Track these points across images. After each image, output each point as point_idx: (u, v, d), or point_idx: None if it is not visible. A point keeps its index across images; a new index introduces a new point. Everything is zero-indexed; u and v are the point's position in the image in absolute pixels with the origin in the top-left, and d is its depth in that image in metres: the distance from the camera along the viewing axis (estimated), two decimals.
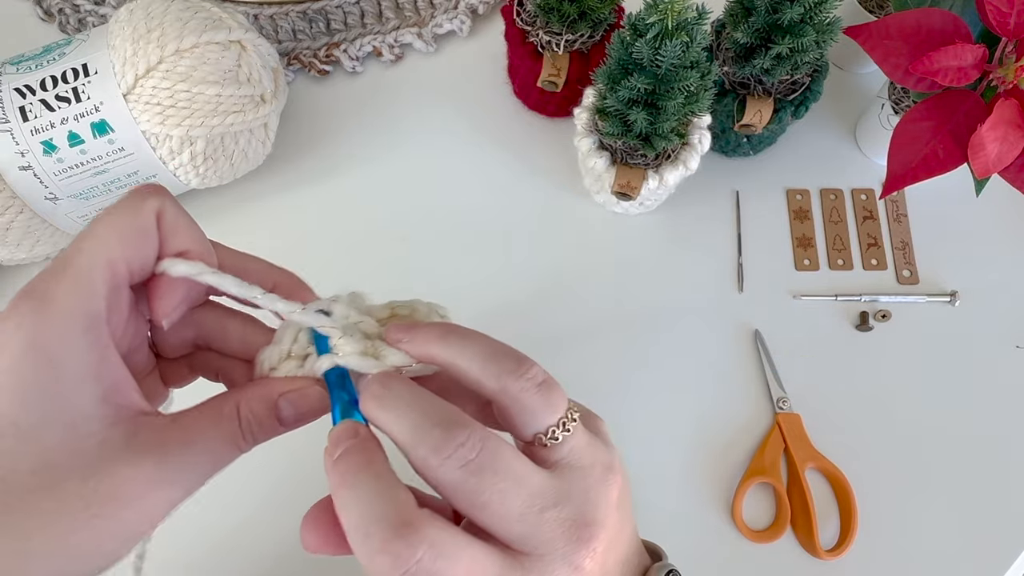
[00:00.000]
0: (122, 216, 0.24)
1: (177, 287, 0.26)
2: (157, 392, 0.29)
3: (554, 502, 0.24)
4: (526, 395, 0.24)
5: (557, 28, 0.52)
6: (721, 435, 0.51)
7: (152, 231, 0.25)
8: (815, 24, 0.46)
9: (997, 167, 0.44)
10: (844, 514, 0.49)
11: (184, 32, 0.47)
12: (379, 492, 0.22)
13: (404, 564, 0.21)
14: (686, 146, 0.50)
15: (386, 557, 0.21)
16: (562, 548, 0.24)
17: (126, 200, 0.25)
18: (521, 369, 0.24)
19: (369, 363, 0.25)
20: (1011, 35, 0.43)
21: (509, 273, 0.55)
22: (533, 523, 0.23)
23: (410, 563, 0.21)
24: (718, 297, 0.55)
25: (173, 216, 0.25)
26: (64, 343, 0.22)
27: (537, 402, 0.24)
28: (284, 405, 0.25)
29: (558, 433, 0.25)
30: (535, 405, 0.24)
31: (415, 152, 0.60)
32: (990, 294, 0.55)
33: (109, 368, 0.23)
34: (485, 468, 0.23)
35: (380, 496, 0.22)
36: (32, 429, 0.21)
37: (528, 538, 0.23)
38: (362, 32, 0.62)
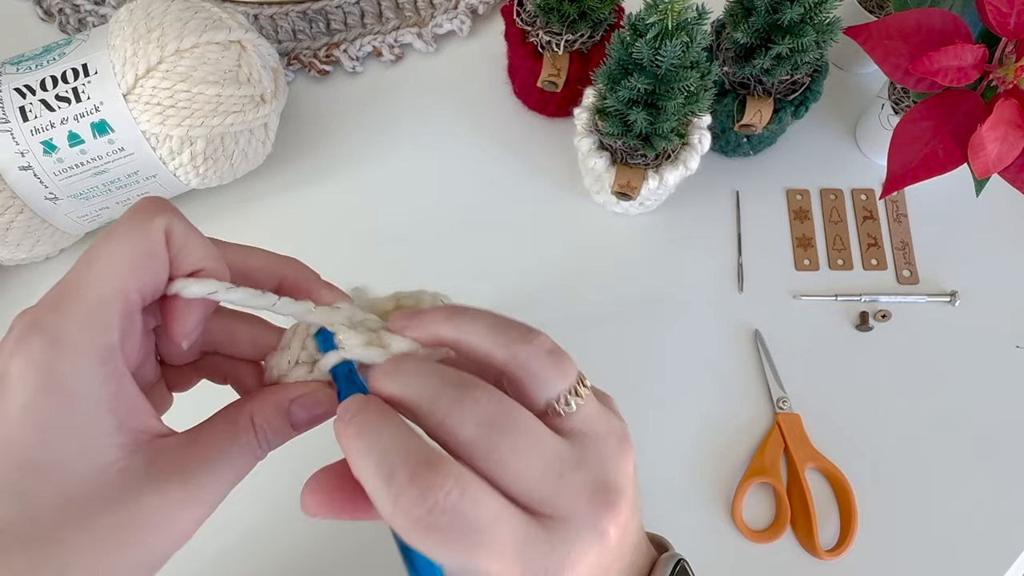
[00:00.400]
0: (130, 240, 0.23)
1: (193, 307, 0.25)
2: (163, 400, 0.28)
3: (574, 466, 0.23)
4: (536, 362, 0.24)
5: (557, 28, 0.52)
6: (721, 435, 0.51)
7: (163, 253, 0.24)
8: (815, 24, 0.46)
9: (997, 167, 0.44)
10: (844, 514, 0.49)
11: (184, 32, 0.47)
12: (399, 435, 0.22)
13: (433, 495, 0.21)
14: (686, 146, 0.50)
15: (413, 491, 0.21)
16: (585, 511, 0.23)
17: (132, 220, 0.24)
18: (530, 336, 0.24)
19: (375, 352, 0.25)
20: (1011, 35, 0.43)
21: (509, 273, 0.55)
22: (554, 484, 0.23)
23: (439, 495, 0.21)
24: (718, 297, 0.55)
25: (182, 233, 0.24)
26: (80, 379, 0.21)
27: (548, 368, 0.24)
28: (296, 410, 0.25)
29: (571, 400, 0.24)
30: (546, 372, 0.24)
31: (415, 152, 0.60)
32: (990, 294, 0.55)
33: (125, 397, 0.23)
34: (504, 425, 0.22)
35: (401, 438, 0.22)
36: (52, 466, 0.21)
37: (550, 499, 0.23)
38: (362, 32, 0.62)
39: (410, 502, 0.21)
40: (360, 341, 0.26)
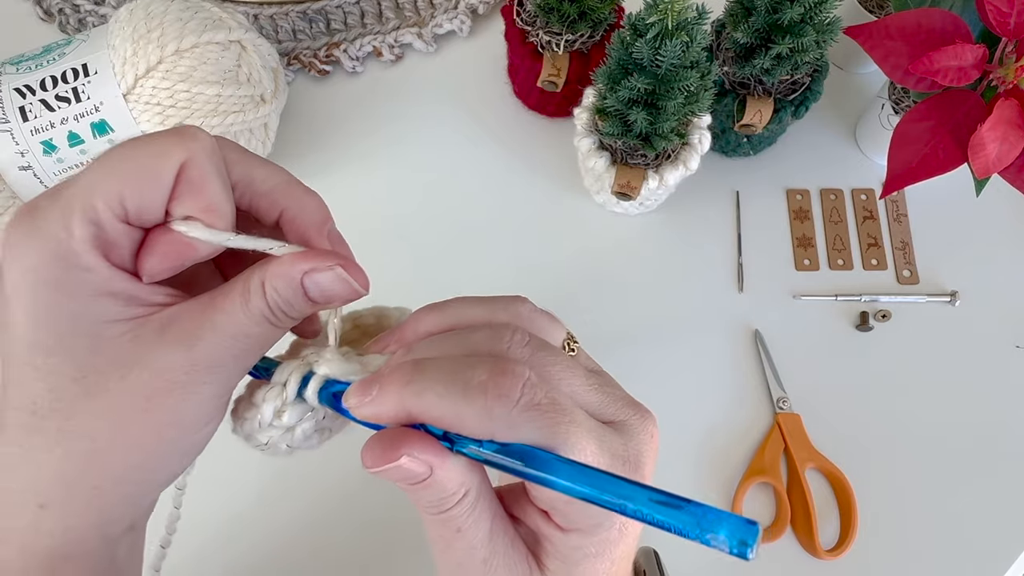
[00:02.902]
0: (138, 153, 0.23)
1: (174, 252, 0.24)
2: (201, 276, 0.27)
3: (603, 384, 0.25)
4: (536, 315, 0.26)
5: (557, 28, 0.52)
6: (721, 435, 0.51)
7: (165, 180, 0.23)
8: (815, 24, 0.46)
9: (997, 167, 0.44)
10: (844, 514, 0.49)
11: (184, 32, 0.47)
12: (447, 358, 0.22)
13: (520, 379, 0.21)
14: (686, 146, 0.50)
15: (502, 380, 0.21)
16: (634, 417, 0.25)
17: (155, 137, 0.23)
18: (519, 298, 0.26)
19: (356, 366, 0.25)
20: (1011, 35, 0.43)
21: (509, 273, 0.55)
22: (599, 395, 0.24)
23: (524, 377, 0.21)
24: (718, 297, 0.55)
25: (200, 170, 0.23)
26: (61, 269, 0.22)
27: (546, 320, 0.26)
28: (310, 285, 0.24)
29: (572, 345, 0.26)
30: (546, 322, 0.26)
31: (415, 152, 0.60)
32: (990, 294, 0.55)
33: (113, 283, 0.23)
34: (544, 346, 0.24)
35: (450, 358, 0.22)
36: (58, 345, 0.22)
37: (602, 407, 0.24)
38: (362, 32, 0.62)
39: (503, 391, 0.21)
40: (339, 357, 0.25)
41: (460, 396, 0.21)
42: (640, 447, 0.24)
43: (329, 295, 0.24)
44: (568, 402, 0.22)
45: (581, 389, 0.24)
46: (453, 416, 0.21)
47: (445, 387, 0.21)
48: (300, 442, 0.26)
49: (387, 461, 0.22)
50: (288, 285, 0.23)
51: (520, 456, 0.21)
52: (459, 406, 0.21)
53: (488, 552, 0.23)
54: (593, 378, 0.24)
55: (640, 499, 0.21)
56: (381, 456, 0.22)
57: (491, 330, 0.23)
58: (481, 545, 0.23)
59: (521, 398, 0.21)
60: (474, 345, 0.23)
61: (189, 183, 0.23)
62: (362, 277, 0.24)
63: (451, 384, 0.21)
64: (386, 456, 0.22)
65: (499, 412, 0.21)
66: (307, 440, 0.26)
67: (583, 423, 0.22)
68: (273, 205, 0.25)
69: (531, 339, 0.23)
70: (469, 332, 0.24)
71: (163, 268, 0.24)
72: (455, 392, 0.21)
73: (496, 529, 0.24)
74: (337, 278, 0.24)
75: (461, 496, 0.23)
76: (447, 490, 0.22)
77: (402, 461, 0.21)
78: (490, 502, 0.24)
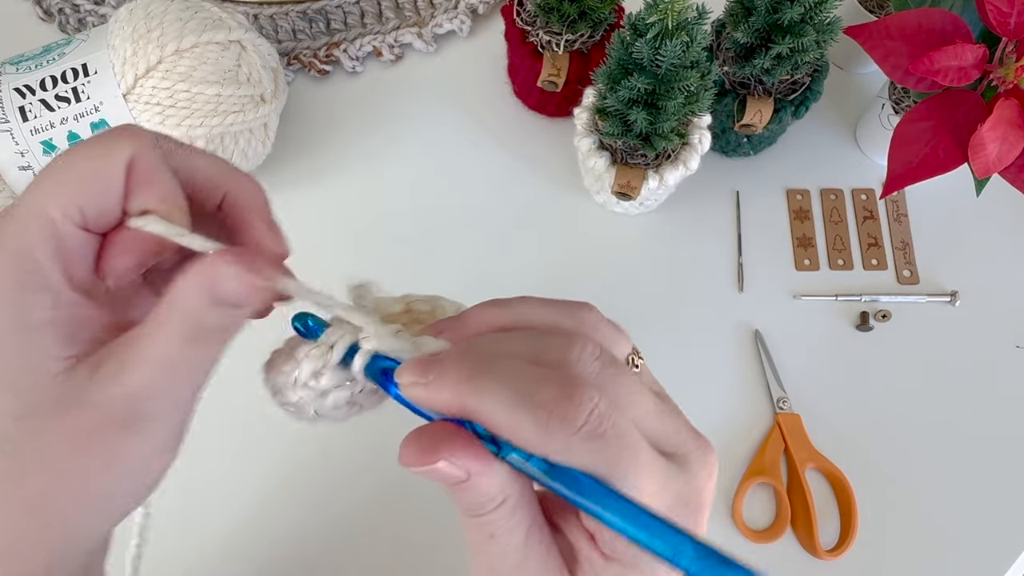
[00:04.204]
0: (85, 158, 0.22)
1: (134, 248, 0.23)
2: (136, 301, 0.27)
3: (668, 412, 0.24)
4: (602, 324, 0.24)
5: (557, 28, 0.52)
6: (721, 435, 0.51)
7: (116, 179, 0.22)
8: (815, 24, 0.46)
9: (997, 167, 0.44)
10: (844, 514, 0.49)
11: (184, 32, 0.47)
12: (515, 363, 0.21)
13: (588, 405, 0.20)
14: (686, 146, 0.50)
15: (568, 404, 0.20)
16: (696, 451, 0.23)
17: (96, 140, 0.23)
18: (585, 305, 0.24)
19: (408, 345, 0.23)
20: (1011, 35, 0.43)
21: (509, 273, 0.55)
22: (664, 425, 0.23)
23: (591, 404, 0.20)
24: (718, 297, 0.55)
25: (148, 164, 0.23)
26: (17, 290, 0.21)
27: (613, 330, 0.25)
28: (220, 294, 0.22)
29: (636, 360, 0.25)
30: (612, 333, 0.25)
31: (415, 152, 0.60)
32: (990, 294, 0.55)
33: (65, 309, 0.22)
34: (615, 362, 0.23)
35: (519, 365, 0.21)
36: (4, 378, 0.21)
37: (666, 438, 0.23)
38: (362, 32, 0.62)
39: (569, 415, 0.20)
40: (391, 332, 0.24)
41: (522, 408, 0.20)
42: (701, 486, 0.23)
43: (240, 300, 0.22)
44: (634, 433, 0.21)
45: (647, 415, 0.23)
46: (509, 427, 0.20)
47: (508, 393, 0.20)
48: (329, 410, 0.25)
49: (424, 463, 0.21)
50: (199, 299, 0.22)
51: (571, 481, 0.20)
52: (519, 417, 0.20)
53: (521, 558, 0.22)
54: (660, 403, 0.23)
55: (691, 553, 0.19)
56: (419, 456, 0.21)
57: (562, 338, 0.22)
58: (515, 551, 0.22)
59: (585, 426, 0.20)
60: (542, 351, 0.22)
61: (139, 178, 0.23)
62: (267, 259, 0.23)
63: (515, 392, 0.20)
64: (424, 457, 0.21)
65: (560, 434, 0.20)
66: (336, 410, 0.25)
67: (647, 458, 0.21)
68: (215, 189, 0.25)
69: (602, 353, 0.22)
70: (538, 336, 0.23)
71: (127, 266, 0.23)
72: (517, 402, 0.20)
73: (532, 538, 0.23)
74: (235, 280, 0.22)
75: (499, 503, 0.22)
76: (485, 496, 0.21)
77: (440, 465, 0.21)
78: (529, 509, 0.23)
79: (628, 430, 0.21)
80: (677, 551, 0.19)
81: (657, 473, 0.21)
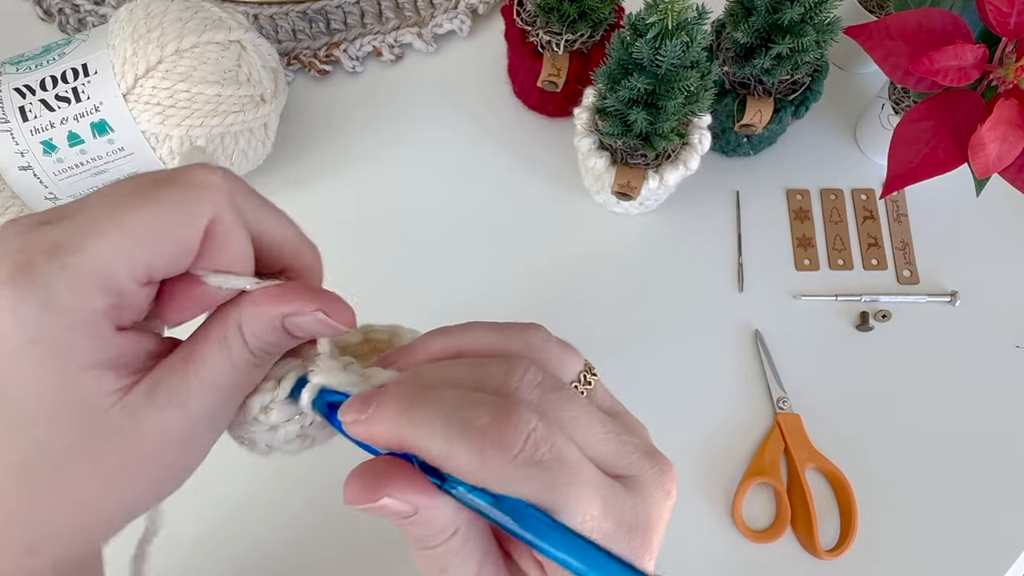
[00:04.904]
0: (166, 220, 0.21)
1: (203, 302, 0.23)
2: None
3: (620, 431, 0.23)
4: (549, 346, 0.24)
5: (557, 28, 0.52)
6: (721, 435, 0.51)
7: (193, 244, 0.21)
8: (815, 24, 0.46)
9: (997, 167, 0.44)
10: (844, 514, 0.49)
11: (184, 32, 0.47)
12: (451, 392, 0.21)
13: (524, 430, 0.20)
14: (686, 146, 0.50)
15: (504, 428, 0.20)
16: (650, 472, 0.23)
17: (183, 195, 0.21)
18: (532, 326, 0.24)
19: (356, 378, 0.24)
20: (1011, 35, 0.43)
21: (509, 273, 0.55)
22: (615, 445, 0.22)
23: (527, 429, 0.20)
24: (718, 297, 0.55)
25: (226, 226, 0.22)
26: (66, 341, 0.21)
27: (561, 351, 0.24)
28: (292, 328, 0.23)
29: (589, 377, 0.25)
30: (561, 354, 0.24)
31: (415, 152, 0.60)
32: (990, 294, 0.55)
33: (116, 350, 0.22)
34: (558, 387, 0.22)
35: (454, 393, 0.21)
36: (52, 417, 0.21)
37: (616, 460, 0.22)
38: (362, 32, 0.62)
39: (505, 440, 0.20)
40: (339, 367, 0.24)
41: (457, 435, 0.20)
42: (651, 509, 0.22)
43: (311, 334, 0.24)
44: (575, 456, 0.21)
45: (594, 438, 0.22)
46: (446, 456, 0.20)
47: (443, 422, 0.20)
48: (280, 444, 0.25)
49: (368, 500, 0.21)
50: (268, 327, 0.23)
51: (513, 513, 0.20)
52: (454, 446, 0.20)
53: None
54: (609, 424, 0.23)
55: None
56: (362, 495, 0.21)
57: (503, 364, 0.22)
58: None
59: (521, 452, 0.20)
60: (483, 378, 0.22)
61: (215, 242, 0.22)
62: (346, 314, 0.23)
63: (451, 420, 0.20)
64: (367, 495, 0.21)
65: (495, 463, 0.20)
66: (288, 444, 0.25)
67: (588, 482, 0.21)
68: (277, 260, 0.25)
69: (544, 379, 0.22)
70: (480, 364, 0.22)
71: (187, 318, 0.23)
72: (453, 430, 0.20)
73: (486, 569, 0.22)
74: (317, 322, 0.23)
75: (449, 535, 0.21)
76: (434, 528, 0.21)
77: (384, 502, 0.20)
78: (480, 540, 0.22)
79: (567, 453, 0.21)
80: None
81: (600, 497, 0.21)
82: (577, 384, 0.24)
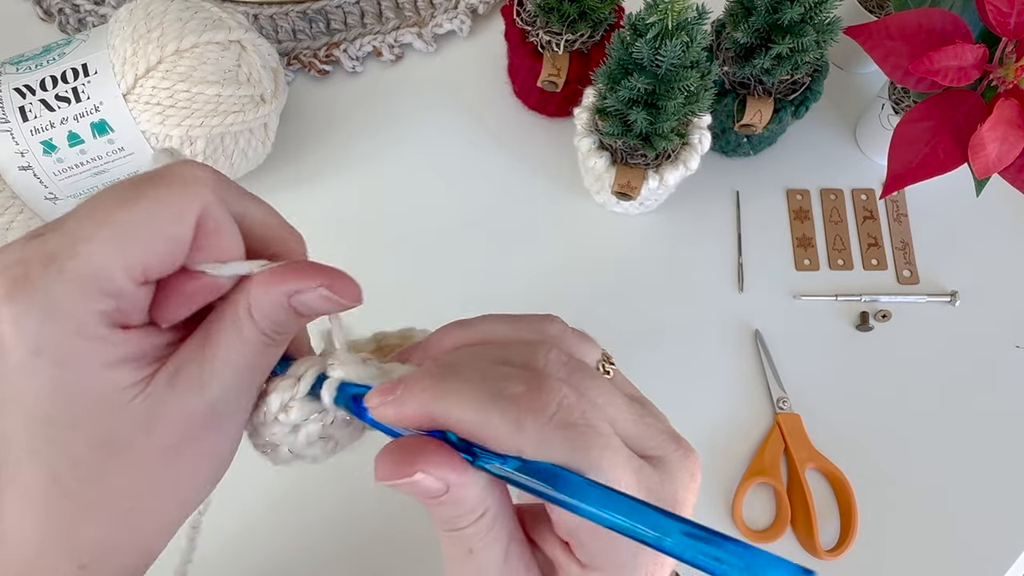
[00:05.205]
0: (156, 216, 0.21)
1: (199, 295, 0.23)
2: None
3: (643, 414, 0.23)
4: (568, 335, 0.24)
5: (557, 28, 0.52)
6: (721, 435, 0.51)
7: (185, 239, 0.22)
8: (815, 24, 0.46)
9: (997, 167, 0.44)
10: (844, 514, 0.49)
11: (184, 32, 0.47)
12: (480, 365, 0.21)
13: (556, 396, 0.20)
14: (686, 146, 0.50)
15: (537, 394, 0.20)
16: (674, 453, 0.23)
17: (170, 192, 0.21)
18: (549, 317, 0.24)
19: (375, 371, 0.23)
20: (1011, 35, 0.43)
21: (509, 273, 0.55)
22: (639, 427, 0.23)
23: (559, 395, 0.20)
24: (718, 297, 0.55)
25: (215, 219, 0.22)
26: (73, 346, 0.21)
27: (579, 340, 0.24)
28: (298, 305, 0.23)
29: (607, 366, 0.24)
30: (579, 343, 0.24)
31: (415, 152, 0.60)
32: (990, 294, 0.55)
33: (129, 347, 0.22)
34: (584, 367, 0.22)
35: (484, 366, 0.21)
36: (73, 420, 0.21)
37: (642, 440, 0.23)
38: (362, 32, 0.62)
39: (538, 405, 0.20)
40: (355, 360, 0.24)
41: (490, 404, 0.20)
42: (678, 487, 0.22)
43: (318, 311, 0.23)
44: (606, 426, 0.21)
45: (620, 416, 0.22)
46: (480, 425, 0.20)
47: (475, 392, 0.20)
48: (303, 448, 0.25)
49: (401, 476, 0.20)
50: (276, 306, 0.23)
51: (547, 476, 0.20)
52: (488, 414, 0.20)
53: (500, 574, 0.22)
54: (634, 406, 0.23)
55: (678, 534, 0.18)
56: (394, 470, 0.20)
57: (527, 346, 0.22)
58: (494, 567, 0.22)
59: (557, 414, 0.20)
60: (509, 357, 0.22)
61: (206, 235, 0.22)
62: (351, 289, 0.23)
63: (482, 390, 0.20)
64: (400, 470, 0.20)
65: (531, 426, 0.20)
66: (311, 447, 0.25)
67: (620, 450, 0.21)
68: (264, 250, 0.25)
69: (569, 359, 0.22)
70: (503, 347, 0.23)
71: (186, 313, 0.23)
72: (485, 399, 0.20)
73: (512, 553, 0.22)
74: (322, 298, 0.23)
75: (478, 516, 0.21)
76: (464, 508, 0.21)
77: (417, 477, 0.20)
78: (507, 523, 0.22)
79: (599, 422, 0.21)
80: (663, 533, 0.18)
81: (632, 466, 0.21)
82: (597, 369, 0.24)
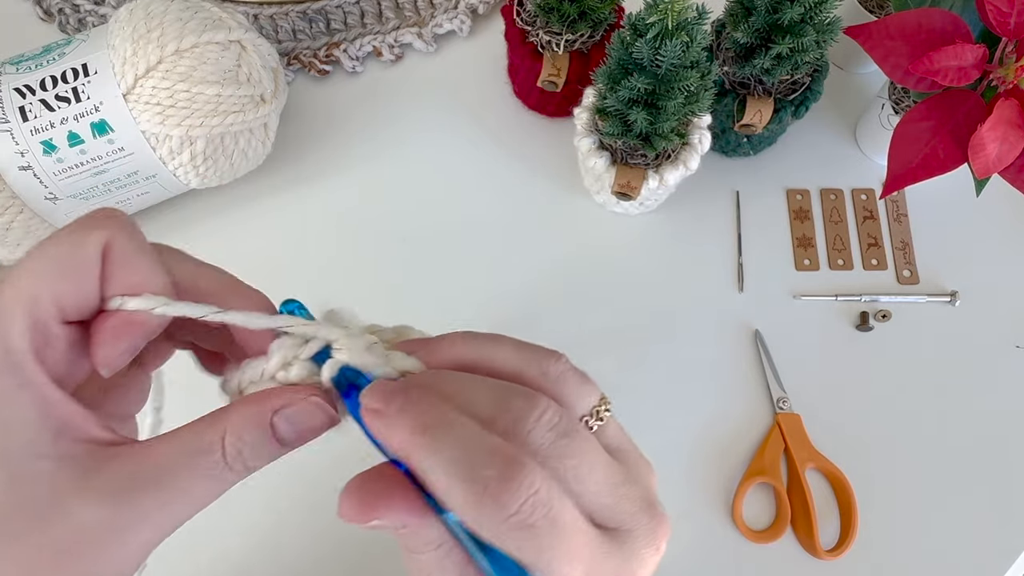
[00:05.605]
0: (58, 248, 0.22)
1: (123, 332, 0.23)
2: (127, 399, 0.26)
3: (623, 480, 0.23)
4: (567, 377, 0.24)
5: (557, 28, 0.52)
6: (721, 435, 0.51)
7: (92, 265, 0.22)
8: (815, 24, 0.46)
9: (997, 167, 0.44)
10: (844, 514, 0.49)
11: (184, 32, 0.47)
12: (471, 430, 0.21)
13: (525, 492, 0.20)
14: (686, 146, 0.50)
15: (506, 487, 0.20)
16: (644, 526, 0.23)
17: (69, 229, 0.22)
18: (554, 354, 0.24)
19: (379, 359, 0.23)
20: (1011, 35, 0.43)
21: (509, 273, 0.55)
22: (614, 497, 0.23)
23: (530, 492, 0.20)
24: (718, 297, 0.55)
25: (123, 248, 0.22)
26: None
27: (578, 384, 0.24)
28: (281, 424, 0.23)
29: (602, 413, 0.24)
30: (577, 387, 0.24)
31: (415, 152, 0.60)
32: (990, 294, 0.55)
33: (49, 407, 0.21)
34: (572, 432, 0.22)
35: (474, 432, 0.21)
36: None
37: (613, 513, 0.22)
38: (362, 32, 0.62)
39: (503, 499, 0.20)
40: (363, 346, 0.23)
41: (461, 479, 0.20)
42: (638, 566, 0.22)
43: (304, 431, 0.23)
44: (568, 519, 0.21)
45: (594, 487, 0.22)
46: (444, 493, 0.20)
47: (452, 460, 0.20)
48: None
49: (361, 521, 0.21)
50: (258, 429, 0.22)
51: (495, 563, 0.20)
52: (455, 488, 0.20)
53: None
54: (613, 472, 0.23)
55: None
56: (357, 513, 0.21)
57: (524, 400, 0.22)
58: None
59: (516, 515, 0.20)
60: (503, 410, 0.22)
61: (115, 262, 0.22)
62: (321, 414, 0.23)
63: (459, 462, 0.20)
64: (362, 515, 0.21)
65: (488, 517, 0.20)
66: None
67: (576, 550, 0.21)
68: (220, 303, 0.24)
69: (559, 423, 0.22)
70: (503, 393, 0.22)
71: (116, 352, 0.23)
72: (458, 473, 0.20)
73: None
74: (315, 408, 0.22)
75: (436, 547, 0.22)
76: (421, 541, 0.21)
77: (374, 524, 0.21)
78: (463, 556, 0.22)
79: (562, 516, 0.21)
80: None
81: (587, 557, 0.21)
82: (589, 418, 0.24)
